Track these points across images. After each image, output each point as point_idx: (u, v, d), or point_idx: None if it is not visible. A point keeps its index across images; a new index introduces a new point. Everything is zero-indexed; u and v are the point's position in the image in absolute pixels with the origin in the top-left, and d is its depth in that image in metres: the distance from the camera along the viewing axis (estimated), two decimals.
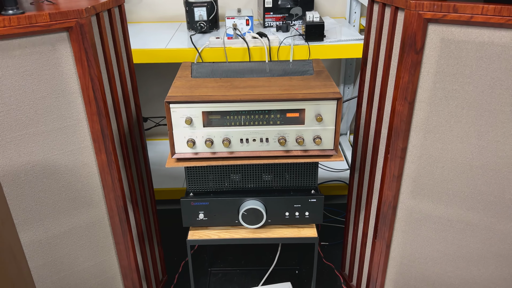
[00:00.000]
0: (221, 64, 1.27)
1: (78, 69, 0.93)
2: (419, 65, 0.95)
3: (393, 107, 1.03)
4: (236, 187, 1.15)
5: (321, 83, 1.07)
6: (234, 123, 1.02)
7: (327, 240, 1.72)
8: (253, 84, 1.08)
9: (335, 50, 1.49)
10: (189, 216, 1.14)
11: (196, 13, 1.65)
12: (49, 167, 0.99)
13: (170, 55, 1.48)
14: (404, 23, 0.94)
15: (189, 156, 1.05)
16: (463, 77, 0.93)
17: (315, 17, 1.51)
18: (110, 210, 1.11)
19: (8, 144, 0.92)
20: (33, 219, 1.01)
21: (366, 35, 1.13)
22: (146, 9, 1.92)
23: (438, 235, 1.11)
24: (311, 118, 1.01)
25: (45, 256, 1.06)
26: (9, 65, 0.86)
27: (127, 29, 1.12)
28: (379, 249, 1.21)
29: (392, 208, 1.13)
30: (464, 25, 0.88)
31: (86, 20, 0.90)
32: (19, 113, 0.91)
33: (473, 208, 1.04)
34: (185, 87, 1.07)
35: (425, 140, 1.02)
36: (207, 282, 1.53)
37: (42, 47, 0.88)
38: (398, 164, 1.07)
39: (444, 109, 0.97)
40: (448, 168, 1.02)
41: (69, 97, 0.96)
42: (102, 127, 1.00)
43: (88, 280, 1.17)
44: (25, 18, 0.84)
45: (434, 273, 1.17)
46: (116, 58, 1.07)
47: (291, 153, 1.06)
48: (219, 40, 1.47)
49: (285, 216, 1.15)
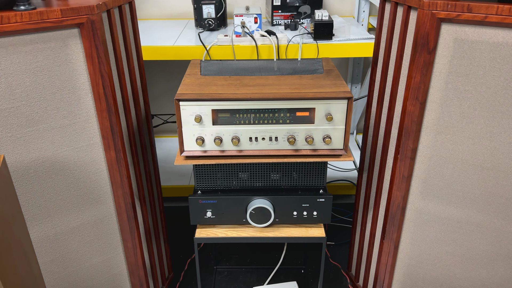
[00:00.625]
0: (229, 62, 1.27)
1: (89, 66, 0.93)
2: (431, 65, 0.95)
3: (404, 107, 1.02)
4: (244, 186, 1.15)
5: (332, 82, 1.07)
6: (243, 122, 1.02)
7: (333, 240, 1.72)
8: (262, 83, 1.08)
9: (344, 49, 1.48)
10: (197, 214, 1.14)
11: (204, 11, 1.65)
12: (58, 164, 0.99)
13: (178, 53, 1.48)
14: (417, 22, 0.93)
15: (198, 154, 1.05)
16: (476, 77, 0.92)
17: (324, 16, 1.50)
18: (118, 207, 1.10)
19: (18, 140, 0.92)
20: (41, 215, 1.01)
21: (377, 34, 1.12)
22: (154, 6, 1.92)
23: (447, 236, 1.11)
24: (321, 117, 1.01)
25: (53, 252, 1.06)
26: (20, 60, 0.86)
27: (137, 26, 1.11)
28: (387, 250, 1.21)
29: (401, 209, 1.12)
30: (478, 25, 0.87)
31: (97, 16, 0.89)
32: (29, 109, 0.91)
33: (484, 210, 1.03)
34: (194, 84, 1.06)
35: (436, 141, 1.01)
36: (212, 280, 1.53)
37: (53, 43, 0.88)
38: (408, 165, 1.06)
39: (456, 109, 0.96)
40: (458, 169, 1.02)
41: (79, 94, 0.95)
42: (112, 124, 1.00)
43: (95, 277, 1.17)
44: (37, 14, 0.83)
45: (442, 275, 1.17)
46: (126, 54, 1.06)
47: (300, 152, 1.05)
48: (228, 38, 1.47)
49: (293, 216, 1.14)
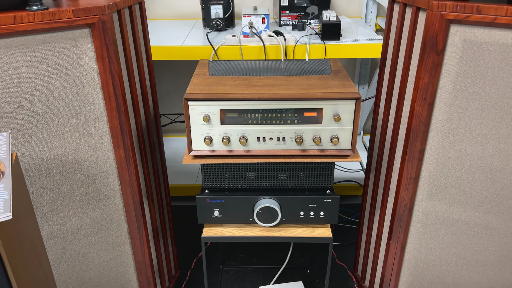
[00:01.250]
0: (237, 62, 1.27)
1: (99, 65, 0.94)
2: (439, 66, 0.95)
3: (412, 108, 1.02)
4: (251, 185, 1.15)
5: (339, 83, 1.07)
6: (251, 121, 1.02)
7: (339, 240, 1.72)
8: (270, 83, 1.08)
9: (352, 49, 1.48)
10: (204, 213, 1.15)
11: (212, 11, 1.66)
12: (68, 162, 1.00)
13: (186, 52, 1.49)
14: (425, 23, 0.93)
15: (206, 153, 1.06)
16: (485, 79, 0.91)
17: (332, 16, 1.50)
18: (127, 205, 1.11)
19: (29, 138, 0.93)
20: (51, 213, 1.02)
21: (385, 35, 1.12)
22: (162, 6, 1.93)
23: (455, 238, 1.10)
24: (329, 117, 1.01)
25: (63, 249, 1.08)
26: (32, 60, 0.87)
27: (147, 26, 1.12)
28: (394, 251, 1.21)
29: (408, 210, 1.12)
30: (488, 27, 0.87)
31: (108, 16, 0.90)
32: (40, 108, 0.92)
33: (492, 211, 1.03)
34: (203, 84, 1.07)
35: (444, 142, 1.01)
36: (218, 279, 1.53)
37: (64, 42, 0.89)
38: (416, 166, 1.06)
39: (465, 111, 0.96)
40: (466, 170, 1.01)
41: (89, 93, 0.96)
42: (121, 123, 1.01)
43: (103, 274, 1.18)
44: (49, 14, 0.84)
45: (449, 276, 1.16)
46: (135, 54, 1.07)
47: (307, 152, 1.05)
48: (235, 38, 1.47)
49: (300, 216, 1.15)
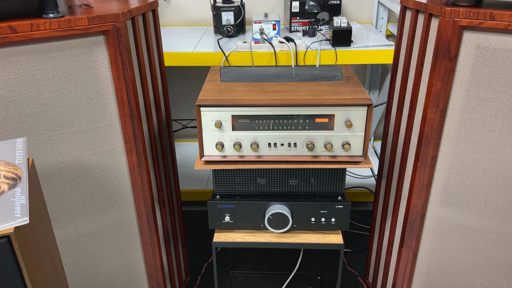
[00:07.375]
0: (248, 68, 1.28)
1: (113, 72, 0.95)
2: (452, 73, 0.94)
3: (424, 114, 1.02)
4: (262, 191, 1.16)
5: (351, 89, 1.07)
6: (262, 127, 1.03)
7: (350, 247, 1.71)
8: (282, 89, 1.08)
9: (362, 55, 1.48)
10: (215, 218, 1.15)
11: (223, 17, 1.67)
12: (82, 167, 1.01)
13: (197, 59, 1.50)
14: (438, 30, 0.93)
15: (218, 159, 1.06)
16: (498, 85, 0.91)
17: (343, 22, 1.50)
18: (139, 210, 1.12)
19: (44, 143, 0.94)
20: (65, 217, 1.04)
21: (397, 41, 1.12)
22: (174, 13, 1.95)
23: (468, 245, 1.09)
24: (340, 124, 1.01)
25: (75, 254, 1.09)
26: (48, 66, 0.88)
27: (159, 33, 1.14)
28: (405, 258, 1.20)
29: (420, 217, 1.11)
30: (501, 33, 0.87)
31: (122, 24, 0.92)
32: (55, 114, 0.93)
33: (505, 219, 1.02)
34: (215, 90, 1.08)
35: (457, 149, 1.00)
36: (229, 284, 1.53)
37: (80, 49, 0.90)
38: (428, 172, 1.05)
39: (478, 117, 0.95)
40: (480, 177, 1.01)
41: (103, 99, 0.98)
42: (134, 128, 1.02)
43: (114, 278, 1.19)
44: (65, 22, 0.86)
45: (462, 284, 1.15)
46: (148, 61, 1.09)
47: (319, 158, 1.05)
48: (246, 44, 1.48)
49: (311, 222, 1.14)
